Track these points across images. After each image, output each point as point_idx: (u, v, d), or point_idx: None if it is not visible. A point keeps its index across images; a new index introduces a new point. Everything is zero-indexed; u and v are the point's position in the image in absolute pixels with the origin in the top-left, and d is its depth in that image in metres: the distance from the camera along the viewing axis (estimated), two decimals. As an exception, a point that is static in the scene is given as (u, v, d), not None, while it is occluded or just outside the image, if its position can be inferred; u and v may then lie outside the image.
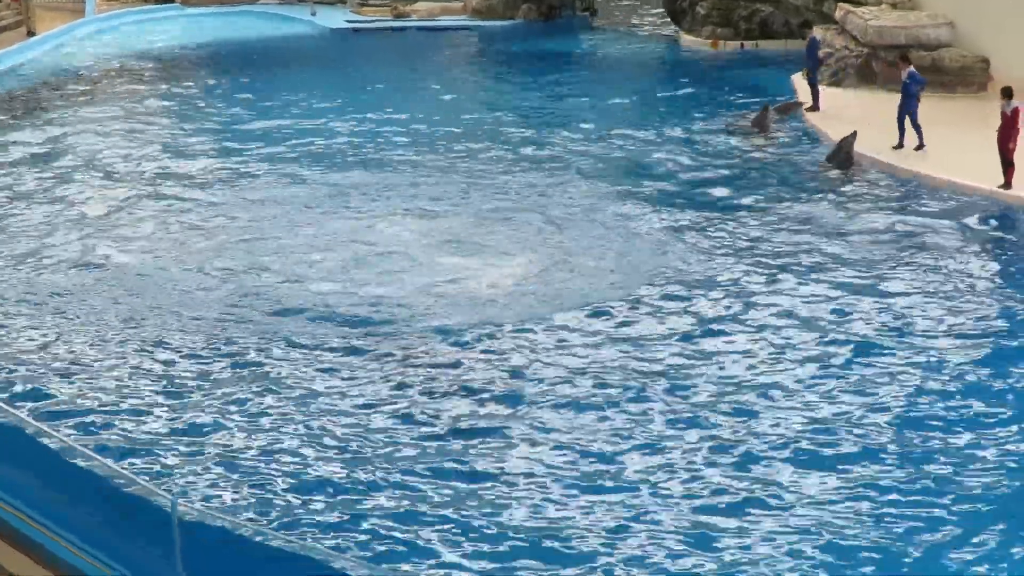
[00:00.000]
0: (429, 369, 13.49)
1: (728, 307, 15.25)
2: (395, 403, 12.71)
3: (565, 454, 11.55)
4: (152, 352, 14.18)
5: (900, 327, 14.53)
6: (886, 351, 13.84)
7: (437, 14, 41.72)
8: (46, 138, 25.63)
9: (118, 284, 16.50)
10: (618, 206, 19.66)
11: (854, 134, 21.83)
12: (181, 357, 14.01)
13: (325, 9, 42.88)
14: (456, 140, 24.77)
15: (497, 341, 14.25)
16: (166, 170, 22.90)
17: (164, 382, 13.38)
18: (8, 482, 7.53)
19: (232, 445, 11.84)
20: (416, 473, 11.21)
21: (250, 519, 10.17)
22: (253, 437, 12.01)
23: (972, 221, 18.57)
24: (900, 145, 21.92)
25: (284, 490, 10.96)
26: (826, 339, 14.18)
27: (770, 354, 13.84)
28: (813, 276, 16.28)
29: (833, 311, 15.04)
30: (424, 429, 12.14)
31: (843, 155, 21.82)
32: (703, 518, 10.45)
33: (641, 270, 16.65)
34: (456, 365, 13.58)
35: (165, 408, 12.69)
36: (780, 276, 16.30)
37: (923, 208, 19.42)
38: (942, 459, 11.40)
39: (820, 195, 20.21)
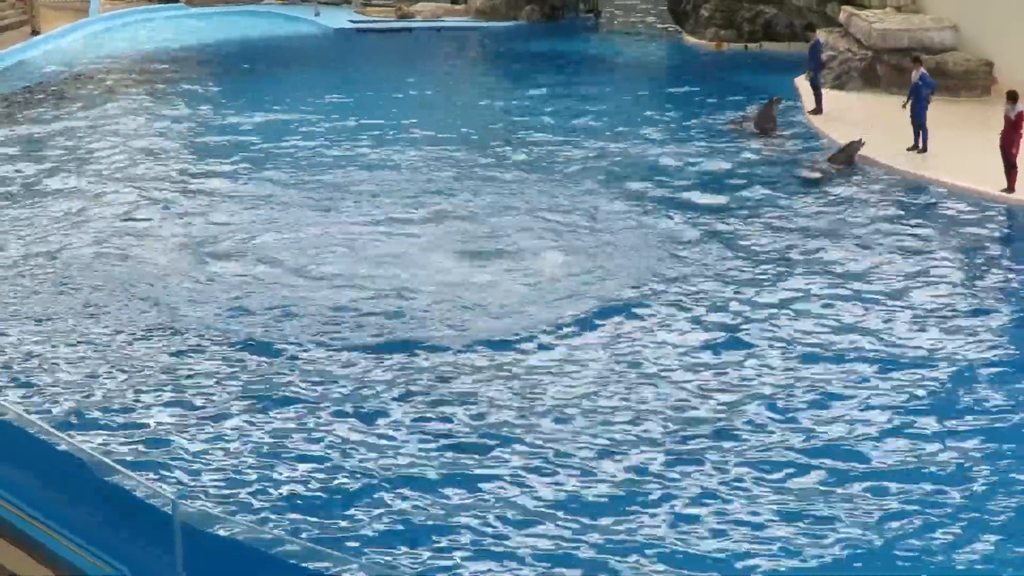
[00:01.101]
0: (434, 376, 13.48)
1: (727, 308, 15.23)
2: (399, 408, 12.69)
3: (570, 469, 11.47)
4: (154, 352, 14.18)
5: (900, 330, 14.52)
6: (885, 356, 13.81)
7: (440, 15, 41.80)
8: (49, 138, 25.66)
9: (119, 283, 16.47)
10: (620, 207, 19.65)
11: (861, 141, 21.82)
12: (184, 357, 14.01)
13: (329, 9, 42.98)
14: (456, 141, 24.78)
15: (500, 346, 14.22)
16: (167, 169, 22.91)
17: (167, 382, 13.37)
18: (9, 481, 7.55)
19: (234, 446, 11.84)
20: (417, 479, 11.19)
21: (250, 519, 10.17)
22: (255, 438, 12.01)
23: (974, 224, 18.55)
24: (922, 147, 22.02)
25: (285, 491, 10.97)
26: (828, 342, 14.17)
27: (772, 356, 13.84)
28: (814, 278, 16.24)
29: (834, 313, 15.02)
30: (427, 436, 12.11)
31: (845, 157, 21.83)
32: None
33: (643, 273, 16.61)
34: (463, 373, 13.54)
35: (167, 408, 12.69)
36: (780, 277, 16.30)
37: (925, 211, 19.41)
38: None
39: (821, 197, 20.19)
